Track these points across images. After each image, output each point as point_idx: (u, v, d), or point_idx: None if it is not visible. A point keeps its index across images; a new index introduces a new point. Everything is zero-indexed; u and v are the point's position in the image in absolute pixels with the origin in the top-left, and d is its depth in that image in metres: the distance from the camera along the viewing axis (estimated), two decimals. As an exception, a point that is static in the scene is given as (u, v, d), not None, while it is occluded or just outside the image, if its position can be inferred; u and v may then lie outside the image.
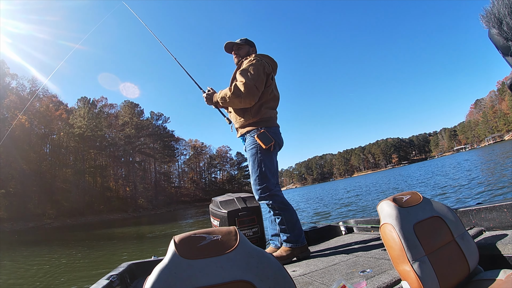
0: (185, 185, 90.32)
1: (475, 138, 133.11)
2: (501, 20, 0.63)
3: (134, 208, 60.93)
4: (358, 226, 3.19)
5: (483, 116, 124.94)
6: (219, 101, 2.70)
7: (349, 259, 2.10)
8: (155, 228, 21.26)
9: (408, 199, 1.49)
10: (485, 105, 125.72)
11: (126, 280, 2.21)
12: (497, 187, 9.44)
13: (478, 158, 29.28)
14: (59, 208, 47.75)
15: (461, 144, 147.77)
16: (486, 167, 17.94)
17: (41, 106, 51.40)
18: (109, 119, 69.77)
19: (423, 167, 46.79)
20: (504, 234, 1.75)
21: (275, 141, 2.63)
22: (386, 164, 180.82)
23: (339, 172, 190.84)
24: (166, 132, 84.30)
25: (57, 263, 9.07)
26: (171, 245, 0.92)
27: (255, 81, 2.53)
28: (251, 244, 1.00)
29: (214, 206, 3.08)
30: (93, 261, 9.04)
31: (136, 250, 10.73)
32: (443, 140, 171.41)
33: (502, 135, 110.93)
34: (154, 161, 79.32)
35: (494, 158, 23.03)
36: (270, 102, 2.73)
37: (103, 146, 64.22)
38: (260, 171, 2.59)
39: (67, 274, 7.35)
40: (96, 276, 6.18)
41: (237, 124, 2.78)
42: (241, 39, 2.99)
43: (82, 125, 58.60)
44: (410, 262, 1.26)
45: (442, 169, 26.28)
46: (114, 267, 2.37)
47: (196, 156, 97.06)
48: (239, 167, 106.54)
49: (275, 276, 0.95)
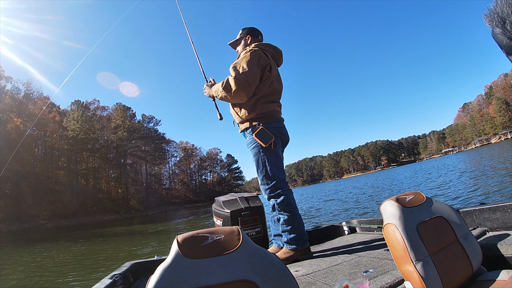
0: (176, 186, 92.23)
1: (463, 141, 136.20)
2: (505, 19, 0.65)
3: (126, 210, 62.83)
4: (361, 226, 3.20)
5: (471, 119, 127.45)
6: (214, 94, 2.67)
7: (352, 259, 2.11)
8: (147, 227, 23.60)
9: (411, 199, 1.49)
10: (473, 109, 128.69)
11: (129, 280, 2.26)
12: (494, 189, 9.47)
13: (470, 160, 29.45)
14: (53, 209, 49.31)
15: (449, 147, 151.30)
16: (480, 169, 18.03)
17: (36, 109, 52.90)
18: (102, 122, 71.63)
19: (411, 169, 49.36)
20: (507, 235, 1.76)
21: (275, 137, 2.57)
22: (375, 166, 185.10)
23: (329, 174, 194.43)
24: (158, 135, 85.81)
25: (61, 261, 9.69)
26: (174, 245, 0.93)
27: (246, 75, 2.46)
28: (254, 244, 1.01)
29: (217, 206, 3.10)
30: (96, 261, 9.26)
31: (134, 248, 11.23)
32: (432, 143, 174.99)
33: (489, 138, 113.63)
34: (145, 163, 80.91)
35: (485, 161, 23.46)
36: (270, 95, 2.65)
37: (95, 148, 65.88)
38: (266, 170, 2.56)
39: (71, 271, 7.65)
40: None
41: (237, 120, 2.75)
42: (241, 30, 2.96)
43: (76, 128, 60.50)
44: (413, 262, 1.27)
45: (434, 170, 27.46)
46: (107, 265, 2.96)
47: (187, 158, 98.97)
48: (229, 169, 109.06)
49: (278, 276, 0.95)
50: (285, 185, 2.61)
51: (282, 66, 2.96)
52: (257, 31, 2.94)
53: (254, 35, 2.91)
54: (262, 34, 2.97)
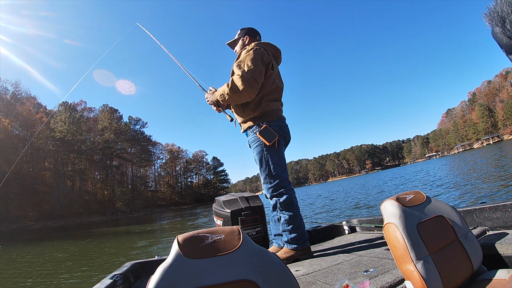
0: (161, 189, 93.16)
1: (446, 146, 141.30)
2: (505, 18, 0.65)
3: (112, 211, 63.91)
4: (361, 226, 3.24)
5: (454, 125, 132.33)
6: (219, 99, 2.67)
7: (352, 258, 2.12)
8: (133, 228, 24.71)
9: (412, 199, 1.51)
10: (456, 115, 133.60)
11: (129, 280, 2.30)
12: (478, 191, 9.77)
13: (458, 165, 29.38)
14: (40, 211, 50.17)
15: (432, 151, 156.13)
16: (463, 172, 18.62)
17: (24, 110, 53.72)
18: (88, 124, 72.35)
19: (394, 173, 50.82)
20: (508, 234, 1.78)
21: (279, 136, 2.60)
22: (360, 169, 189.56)
23: (314, 177, 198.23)
24: (144, 137, 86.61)
25: (59, 259, 9.98)
26: (175, 245, 0.94)
27: (253, 73, 2.47)
28: (254, 244, 1.02)
29: (217, 206, 3.14)
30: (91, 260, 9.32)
31: (123, 247, 11.50)
32: (416, 147, 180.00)
33: (472, 144, 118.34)
34: (131, 165, 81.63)
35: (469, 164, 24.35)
36: (272, 93, 2.68)
37: (82, 150, 66.69)
38: (269, 169, 2.57)
39: (69, 271, 7.72)
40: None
41: (239, 120, 2.76)
42: (239, 30, 2.98)
43: (63, 129, 61.30)
44: (414, 261, 1.27)
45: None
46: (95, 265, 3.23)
47: (173, 160, 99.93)
48: (215, 171, 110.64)
49: (278, 275, 0.96)
50: (288, 184, 2.64)
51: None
52: (255, 32, 2.99)
53: (252, 35, 2.95)
54: (260, 35, 3.02)
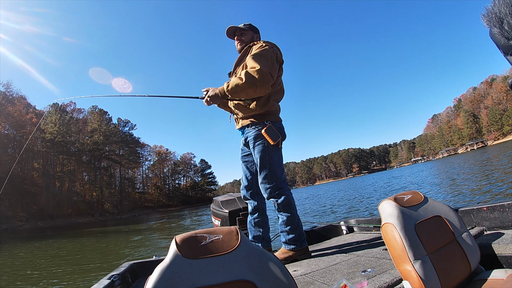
0: (149, 190, 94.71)
1: (431, 150, 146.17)
2: (502, 19, 0.66)
3: (101, 213, 65.69)
4: (359, 226, 3.28)
5: (439, 130, 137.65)
6: (227, 93, 2.51)
7: (350, 258, 2.14)
8: (121, 228, 25.44)
9: (410, 199, 1.53)
10: (442, 120, 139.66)
11: (127, 280, 2.32)
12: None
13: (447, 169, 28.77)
14: (29, 211, 51.79)
15: (418, 156, 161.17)
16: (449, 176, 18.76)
17: (15, 111, 55.20)
18: (78, 125, 73.88)
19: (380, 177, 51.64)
20: (505, 234, 1.82)
21: (281, 137, 2.64)
22: (347, 173, 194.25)
23: (302, 180, 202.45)
24: (133, 139, 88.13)
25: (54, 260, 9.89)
26: (173, 245, 0.95)
27: (269, 68, 2.43)
28: (252, 244, 1.03)
29: (216, 206, 3.18)
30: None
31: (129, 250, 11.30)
32: (403, 152, 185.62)
33: (456, 149, 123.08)
34: (119, 166, 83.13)
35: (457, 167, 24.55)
36: (278, 94, 2.71)
37: (71, 151, 68.23)
38: (270, 169, 2.58)
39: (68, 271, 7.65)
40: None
41: (239, 115, 2.73)
42: (245, 24, 2.90)
43: (53, 131, 62.90)
44: (412, 261, 1.29)
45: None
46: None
47: (161, 162, 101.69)
48: (202, 174, 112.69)
49: (276, 275, 0.97)
50: (286, 185, 2.66)
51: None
52: (258, 31, 3.00)
53: (259, 33, 2.98)
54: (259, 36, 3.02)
